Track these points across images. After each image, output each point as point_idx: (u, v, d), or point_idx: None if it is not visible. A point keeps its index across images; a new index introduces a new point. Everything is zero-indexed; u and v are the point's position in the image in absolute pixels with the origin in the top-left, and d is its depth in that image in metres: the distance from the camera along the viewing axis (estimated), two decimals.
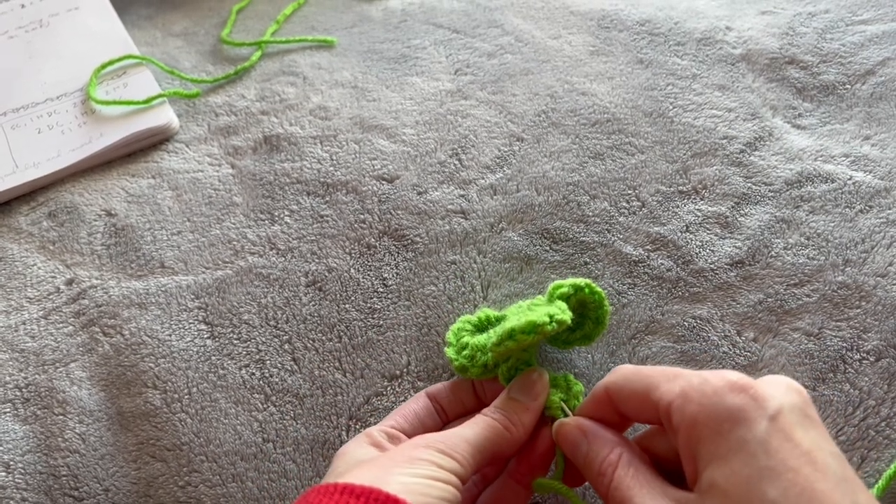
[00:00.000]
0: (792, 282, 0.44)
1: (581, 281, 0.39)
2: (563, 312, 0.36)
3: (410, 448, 0.32)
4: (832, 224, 0.46)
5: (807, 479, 0.27)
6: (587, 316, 0.40)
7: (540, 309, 0.37)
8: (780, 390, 0.29)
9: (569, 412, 0.36)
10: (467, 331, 0.41)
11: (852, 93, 0.54)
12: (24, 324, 0.46)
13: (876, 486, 0.37)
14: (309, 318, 0.45)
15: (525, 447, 0.36)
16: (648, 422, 0.34)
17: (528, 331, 0.35)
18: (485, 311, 0.42)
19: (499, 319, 0.41)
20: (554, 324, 0.35)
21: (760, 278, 0.45)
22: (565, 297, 0.38)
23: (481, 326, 0.41)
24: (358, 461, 0.33)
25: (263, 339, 0.45)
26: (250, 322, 0.45)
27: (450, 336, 0.40)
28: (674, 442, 0.30)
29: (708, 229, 0.47)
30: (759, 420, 0.28)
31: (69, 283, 0.48)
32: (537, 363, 0.38)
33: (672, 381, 0.31)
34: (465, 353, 0.39)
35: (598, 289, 0.39)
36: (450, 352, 0.40)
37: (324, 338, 0.44)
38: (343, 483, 0.29)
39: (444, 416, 0.38)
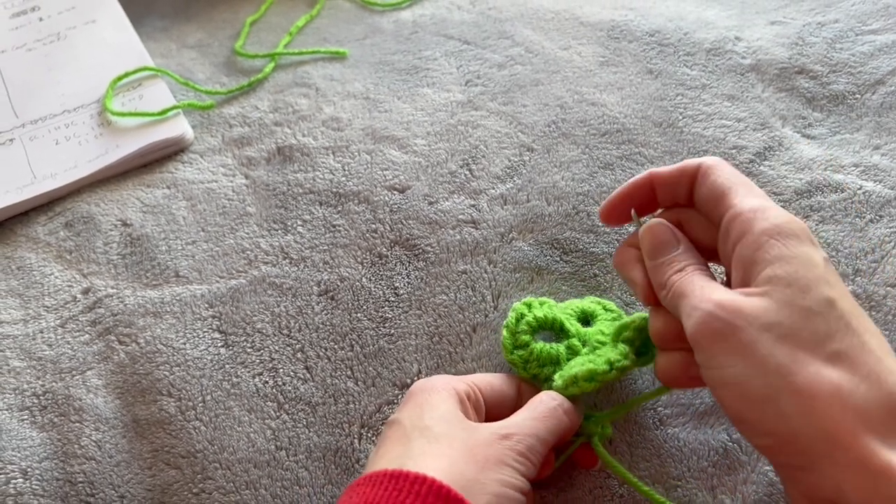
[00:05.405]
0: None
1: (643, 317, 0.39)
2: (625, 358, 0.38)
3: (500, 447, 0.33)
4: (842, 234, 0.47)
5: (854, 304, 0.32)
6: (651, 345, 0.39)
7: (603, 351, 0.39)
8: None
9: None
10: (528, 326, 0.41)
11: (862, 102, 0.54)
12: (41, 332, 0.47)
13: None
14: (321, 327, 0.46)
15: None
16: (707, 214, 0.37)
17: (589, 378, 0.37)
18: (542, 309, 0.42)
19: (557, 323, 0.41)
20: (614, 371, 0.37)
21: None
22: (629, 341, 0.39)
23: (538, 327, 0.41)
24: (445, 431, 0.34)
25: (276, 347, 0.45)
26: (263, 331, 0.46)
27: (511, 321, 0.41)
28: (726, 250, 0.35)
29: None
30: (821, 251, 0.33)
31: (85, 292, 0.49)
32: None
33: (747, 195, 0.35)
34: (520, 353, 0.40)
35: None
36: (506, 339, 0.41)
37: (336, 346, 0.45)
38: (439, 483, 0.31)
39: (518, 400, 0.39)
